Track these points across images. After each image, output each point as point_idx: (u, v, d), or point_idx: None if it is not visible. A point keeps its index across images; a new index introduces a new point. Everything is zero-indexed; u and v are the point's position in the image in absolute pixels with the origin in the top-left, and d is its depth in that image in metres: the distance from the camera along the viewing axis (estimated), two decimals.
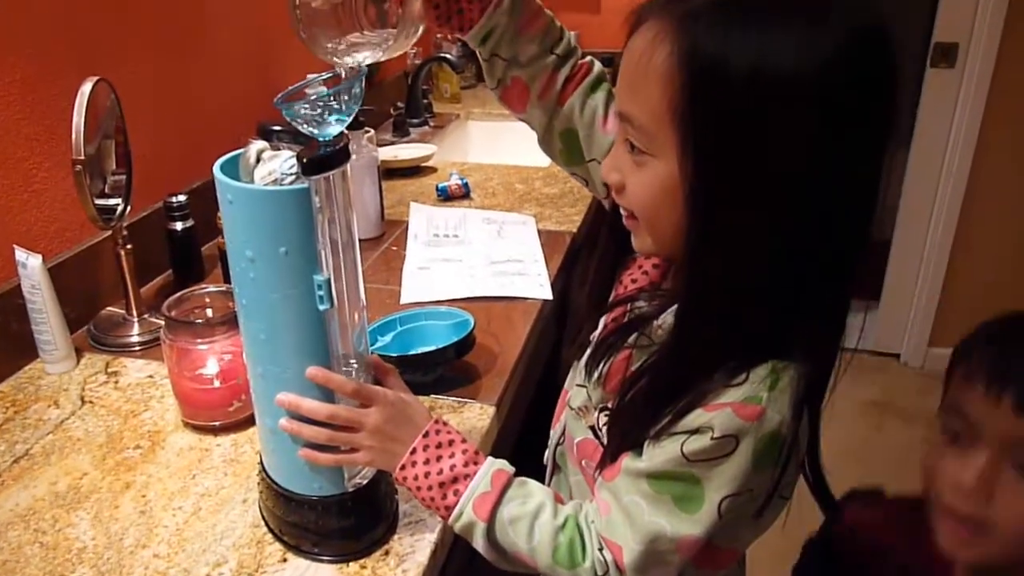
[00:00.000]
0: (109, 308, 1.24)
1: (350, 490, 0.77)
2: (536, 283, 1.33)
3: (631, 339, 0.75)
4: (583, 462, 0.84)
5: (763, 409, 0.64)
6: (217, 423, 0.97)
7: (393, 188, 1.82)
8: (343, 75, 0.66)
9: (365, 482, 0.79)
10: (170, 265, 1.36)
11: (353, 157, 1.57)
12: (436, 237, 1.52)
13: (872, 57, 0.61)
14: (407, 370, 1.02)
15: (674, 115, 0.62)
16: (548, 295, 1.30)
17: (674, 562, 0.69)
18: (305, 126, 0.65)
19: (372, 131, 1.62)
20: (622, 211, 0.73)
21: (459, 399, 1.02)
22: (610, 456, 0.74)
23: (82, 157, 1.03)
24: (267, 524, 0.82)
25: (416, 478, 0.75)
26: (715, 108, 0.60)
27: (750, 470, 0.65)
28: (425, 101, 2.41)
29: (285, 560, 0.79)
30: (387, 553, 0.79)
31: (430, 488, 0.75)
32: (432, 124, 2.38)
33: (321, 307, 0.68)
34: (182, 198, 1.31)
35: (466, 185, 1.75)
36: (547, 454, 0.93)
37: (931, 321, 2.80)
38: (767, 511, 0.70)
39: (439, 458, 0.75)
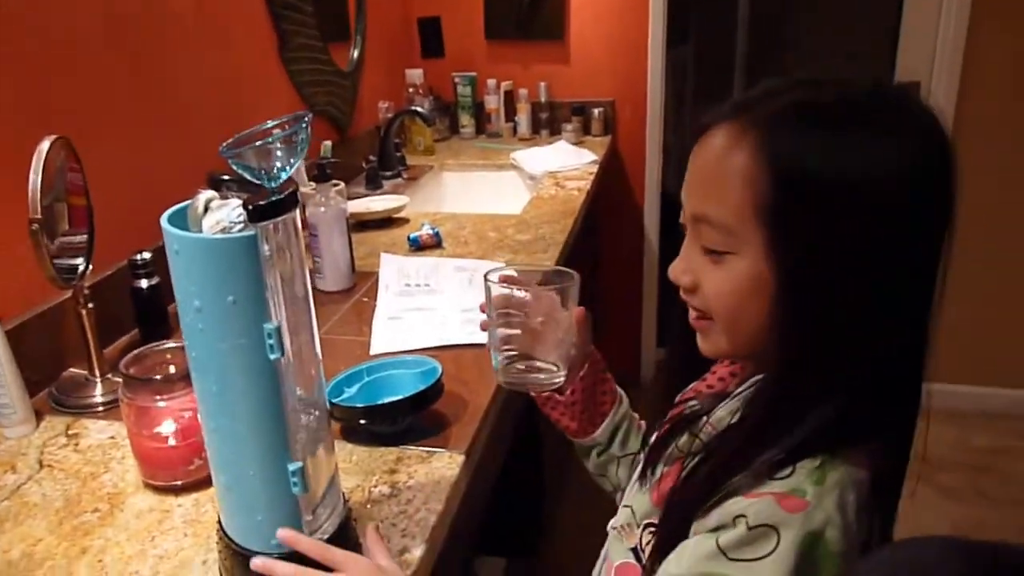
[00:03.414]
0: (72, 369, 1.21)
1: None
2: None
3: (683, 442, 0.77)
4: None
5: (807, 503, 0.63)
6: (178, 482, 0.94)
7: (365, 240, 1.81)
8: (286, 123, 0.66)
9: (327, 537, 0.76)
10: (136, 323, 1.34)
11: (322, 210, 1.56)
12: (407, 287, 1.51)
13: (939, 161, 0.66)
14: (374, 421, 1.00)
15: (759, 212, 0.65)
16: None
17: None
18: (251, 174, 0.65)
19: (341, 184, 1.62)
20: (691, 312, 0.74)
21: (428, 449, 1.00)
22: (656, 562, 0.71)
23: (39, 216, 1.02)
24: None
25: None
26: (805, 200, 0.64)
27: (792, 574, 0.61)
28: (398, 154, 2.43)
29: None
30: None
31: None
32: (405, 176, 2.39)
33: (272, 356, 0.66)
34: (147, 255, 1.29)
35: (437, 234, 1.75)
36: None
37: None
38: None
39: None
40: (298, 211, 0.68)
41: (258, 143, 0.64)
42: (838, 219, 0.63)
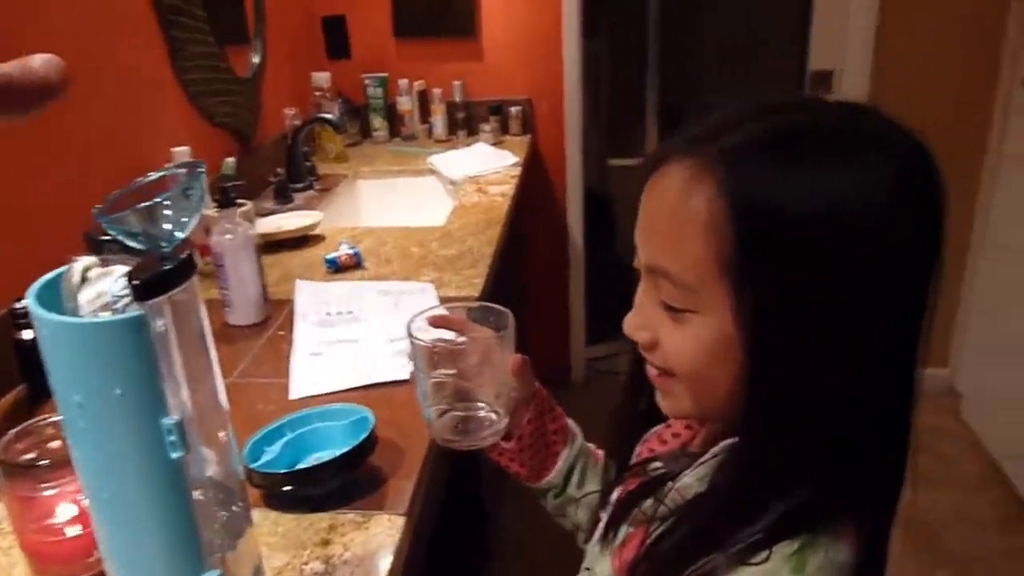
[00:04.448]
0: None
1: None
2: None
3: (647, 506, 0.67)
4: None
5: None
6: None
7: (278, 262, 1.68)
8: (178, 177, 0.55)
9: None
10: (21, 378, 1.20)
11: (228, 237, 1.43)
12: (328, 316, 1.40)
13: (923, 183, 0.58)
14: (300, 485, 0.90)
15: (722, 265, 0.56)
16: None
17: None
18: (135, 240, 0.54)
19: (249, 204, 1.50)
20: (650, 369, 0.65)
21: (363, 512, 0.90)
22: None
23: None
24: None
25: None
26: (776, 251, 0.55)
27: None
28: (308, 163, 2.29)
29: None
30: None
31: None
32: (318, 188, 2.26)
33: (173, 455, 0.55)
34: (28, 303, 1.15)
35: (357, 254, 1.63)
36: None
37: None
38: None
39: None
40: (196, 276, 0.58)
41: (142, 205, 0.53)
42: (812, 266, 0.55)
